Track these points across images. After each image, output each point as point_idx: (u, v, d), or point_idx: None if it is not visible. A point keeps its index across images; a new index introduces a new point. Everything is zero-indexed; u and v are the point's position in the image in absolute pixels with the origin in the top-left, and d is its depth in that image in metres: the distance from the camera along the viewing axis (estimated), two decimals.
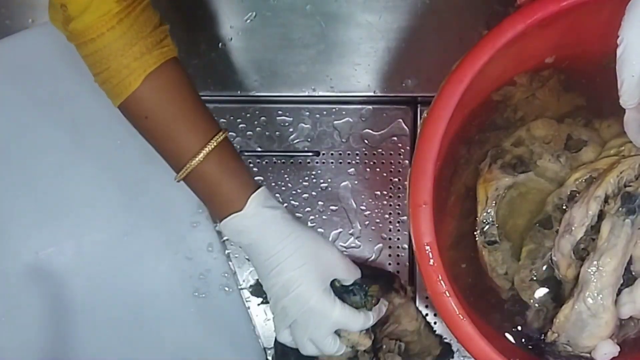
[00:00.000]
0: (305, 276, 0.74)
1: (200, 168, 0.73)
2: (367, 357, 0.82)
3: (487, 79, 0.80)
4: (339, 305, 0.75)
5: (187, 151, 0.73)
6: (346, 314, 0.75)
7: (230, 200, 0.74)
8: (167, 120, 0.73)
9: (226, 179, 0.74)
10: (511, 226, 0.81)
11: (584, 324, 0.74)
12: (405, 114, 0.97)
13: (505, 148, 0.81)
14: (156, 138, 0.74)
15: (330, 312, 0.75)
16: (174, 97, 0.73)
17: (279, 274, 0.74)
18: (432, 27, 0.95)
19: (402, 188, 0.96)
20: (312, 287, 0.74)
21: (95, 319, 0.93)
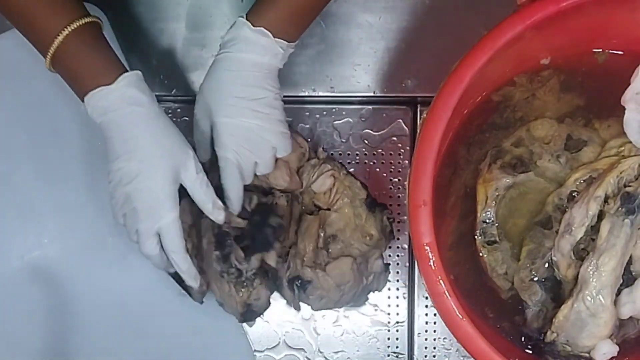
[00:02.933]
0: (154, 169, 0.74)
1: (67, 46, 0.74)
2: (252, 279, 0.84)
3: (487, 79, 0.80)
4: (174, 214, 0.75)
5: (51, 32, 0.73)
6: (176, 227, 0.76)
7: (100, 74, 0.74)
8: (30, 9, 0.74)
9: (98, 54, 0.75)
10: (511, 226, 0.81)
11: (583, 324, 0.74)
12: (405, 114, 0.97)
13: (505, 148, 0.81)
14: (22, 26, 0.76)
15: (163, 213, 0.75)
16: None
17: (129, 159, 0.74)
18: (432, 27, 0.95)
19: (402, 188, 0.96)
20: (158, 182, 0.74)
21: (83, 321, 0.92)
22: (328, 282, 0.88)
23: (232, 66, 0.78)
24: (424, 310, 0.96)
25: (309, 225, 0.89)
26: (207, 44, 0.96)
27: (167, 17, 0.96)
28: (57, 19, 0.74)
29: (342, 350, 0.96)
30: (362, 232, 0.90)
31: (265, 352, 0.96)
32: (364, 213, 0.90)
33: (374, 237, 0.90)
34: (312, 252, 0.88)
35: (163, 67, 0.96)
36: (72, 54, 0.74)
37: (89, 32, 0.75)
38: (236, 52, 0.78)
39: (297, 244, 0.89)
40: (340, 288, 0.89)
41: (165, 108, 0.97)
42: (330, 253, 0.89)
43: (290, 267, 0.88)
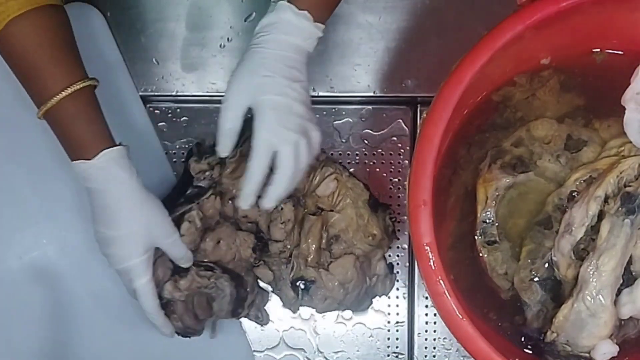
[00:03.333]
0: (127, 240, 0.79)
1: (60, 108, 0.76)
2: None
3: (487, 79, 0.80)
4: (144, 279, 0.81)
5: (48, 91, 0.76)
6: (147, 290, 0.81)
7: (82, 146, 0.77)
8: (31, 63, 0.76)
9: (83, 124, 0.77)
10: (511, 226, 0.81)
11: (583, 324, 0.74)
12: (405, 114, 0.97)
13: (505, 148, 0.81)
14: (21, 77, 0.77)
15: (134, 277, 0.81)
16: (40, 42, 0.76)
17: (107, 227, 0.79)
18: (432, 27, 0.95)
19: (402, 188, 0.96)
20: (131, 252, 0.80)
21: (83, 320, 0.93)
22: (332, 281, 0.89)
23: (277, 47, 0.77)
24: (424, 310, 0.96)
25: (312, 226, 0.89)
26: (207, 44, 0.96)
27: (167, 17, 0.96)
28: (57, 78, 0.76)
29: (342, 350, 0.96)
30: (365, 232, 0.90)
31: (265, 352, 0.96)
32: (366, 213, 0.90)
33: (377, 237, 0.90)
34: (315, 252, 0.89)
35: (163, 67, 0.96)
36: (62, 117, 0.77)
37: (84, 96, 0.78)
38: (279, 34, 0.77)
39: (300, 245, 0.89)
40: (344, 287, 0.89)
41: (165, 108, 0.97)
42: (333, 253, 0.90)
43: (294, 268, 0.89)
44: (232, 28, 0.96)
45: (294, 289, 0.89)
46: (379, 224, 0.91)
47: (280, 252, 0.89)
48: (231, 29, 0.96)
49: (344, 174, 0.91)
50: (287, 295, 0.90)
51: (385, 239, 0.91)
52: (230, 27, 0.96)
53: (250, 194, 0.78)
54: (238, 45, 0.96)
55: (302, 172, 0.79)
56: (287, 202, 0.88)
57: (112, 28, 0.95)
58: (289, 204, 0.88)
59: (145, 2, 0.96)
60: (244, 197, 0.79)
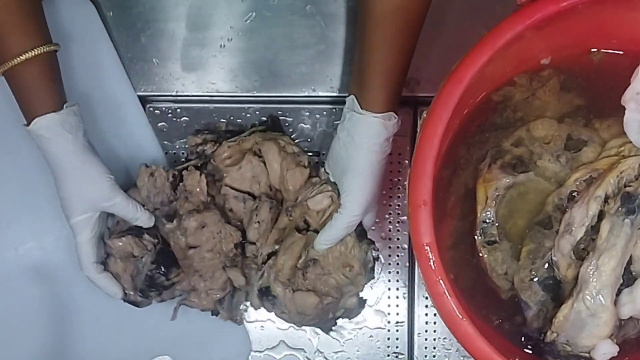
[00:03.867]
0: (70, 200, 0.84)
1: (17, 70, 0.81)
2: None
3: (487, 79, 0.80)
4: (83, 238, 0.85)
5: (8, 52, 0.80)
6: (84, 249, 0.86)
7: (32, 109, 0.82)
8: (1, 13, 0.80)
9: (37, 88, 0.82)
10: (511, 226, 0.81)
11: (583, 324, 0.74)
12: (405, 114, 0.97)
13: (505, 148, 0.81)
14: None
15: (75, 237, 0.86)
16: (6, 4, 0.79)
17: (57, 188, 0.85)
18: (432, 27, 0.95)
19: (402, 188, 0.96)
20: (73, 211, 0.84)
21: (78, 311, 0.93)
22: (292, 305, 0.89)
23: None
24: (424, 310, 0.96)
25: (293, 243, 0.89)
26: (207, 44, 0.96)
27: (167, 17, 0.96)
28: (19, 41, 0.80)
29: (342, 350, 0.96)
30: (344, 262, 0.89)
31: (265, 352, 0.96)
32: (351, 241, 0.89)
33: (354, 270, 0.89)
34: (289, 270, 0.88)
35: (163, 67, 0.96)
36: (19, 80, 0.82)
37: (42, 60, 0.82)
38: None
39: (276, 257, 0.89)
40: (301, 316, 0.89)
41: (165, 108, 0.97)
42: (307, 277, 0.89)
43: (263, 277, 0.89)
44: (232, 28, 0.96)
45: (260, 297, 0.89)
46: (360, 256, 0.89)
47: (254, 256, 0.89)
48: (231, 29, 0.96)
49: (340, 197, 0.89)
50: (252, 301, 0.91)
51: (363, 274, 0.89)
52: (230, 27, 0.96)
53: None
54: (238, 45, 0.96)
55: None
56: (264, 202, 0.88)
57: (112, 27, 0.95)
58: (266, 204, 0.88)
59: (145, 2, 0.96)
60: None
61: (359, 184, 0.85)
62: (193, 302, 0.90)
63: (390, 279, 0.96)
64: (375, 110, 0.83)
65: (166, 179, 0.88)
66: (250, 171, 0.91)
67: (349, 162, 0.86)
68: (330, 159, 0.89)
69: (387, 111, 0.84)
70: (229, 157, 0.90)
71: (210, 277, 0.88)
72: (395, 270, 0.96)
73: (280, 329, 0.96)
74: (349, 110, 0.85)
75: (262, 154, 0.91)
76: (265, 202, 0.89)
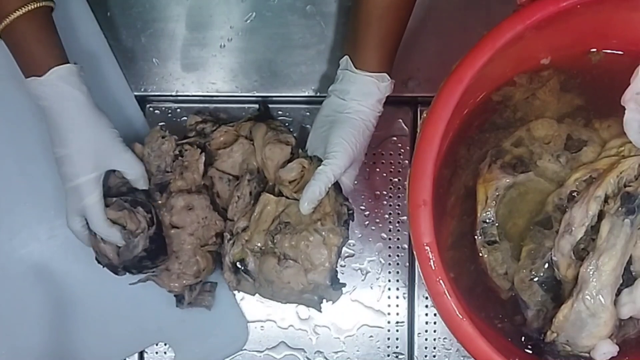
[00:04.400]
0: (78, 157, 0.82)
1: (14, 27, 0.80)
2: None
3: (487, 79, 0.80)
4: (94, 198, 0.83)
5: (3, 10, 0.79)
6: (96, 209, 0.83)
7: (34, 64, 0.81)
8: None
9: (36, 43, 0.81)
10: (511, 226, 0.81)
11: (583, 324, 0.74)
12: (405, 114, 0.97)
13: (505, 148, 0.81)
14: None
15: (83, 198, 0.83)
16: None
17: (60, 147, 0.82)
18: (432, 27, 0.95)
19: (402, 188, 0.96)
20: (81, 169, 0.82)
21: (75, 299, 0.93)
22: (260, 275, 0.86)
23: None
24: (424, 310, 0.96)
25: (265, 207, 0.87)
26: (207, 44, 0.96)
27: (167, 17, 0.96)
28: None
29: (342, 350, 0.96)
30: (316, 217, 0.85)
31: (266, 352, 0.96)
32: (324, 197, 0.85)
33: (327, 222, 0.84)
34: (260, 237, 0.86)
35: (163, 67, 0.96)
36: (17, 36, 0.80)
37: (38, 16, 0.81)
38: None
39: (249, 224, 0.87)
40: (275, 289, 0.86)
41: (165, 108, 0.97)
42: (276, 240, 0.85)
43: (234, 247, 0.87)
44: (232, 28, 0.96)
45: (234, 272, 0.87)
46: (334, 207, 0.85)
47: (230, 232, 0.88)
48: (231, 29, 0.96)
49: (313, 165, 0.86)
50: (227, 277, 0.88)
51: (336, 227, 0.84)
52: (230, 27, 0.96)
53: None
54: (238, 45, 0.96)
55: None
56: (245, 175, 0.88)
57: (112, 27, 0.95)
58: (246, 177, 0.88)
59: (145, 2, 0.96)
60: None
61: (346, 135, 0.84)
62: (162, 282, 0.89)
63: (390, 279, 0.96)
64: (369, 69, 0.83)
65: (173, 148, 0.88)
66: (241, 155, 0.91)
67: (337, 117, 0.85)
68: (317, 122, 0.88)
69: (381, 72, 0.84)
70: (224, 142, 0.91)
71: (185, 261, 0.88)
72: (395, 270, 0.96)
73: (280, 328, 0.96)
74: (343, 70, 0.85)
75: (252, 135, 0.91)
76: (245, 175, 0.88)
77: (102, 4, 0.95)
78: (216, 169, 0.91)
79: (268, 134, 0.90)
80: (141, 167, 0.86)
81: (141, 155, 0.88)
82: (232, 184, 0.90)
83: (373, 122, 0.85)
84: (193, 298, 0.91)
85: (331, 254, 0.84)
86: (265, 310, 0.96)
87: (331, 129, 0.85)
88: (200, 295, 0.92)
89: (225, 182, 0.90)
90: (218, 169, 0.91)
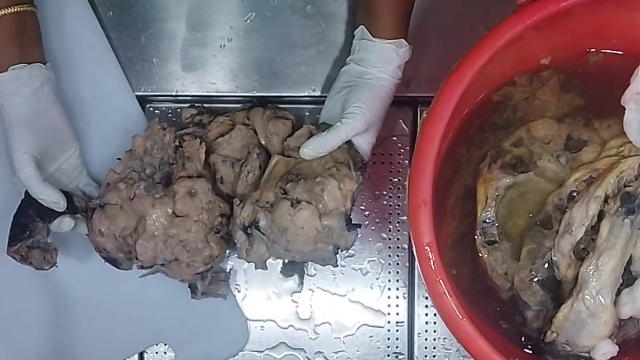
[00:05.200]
0: (16, 142, 0.84)
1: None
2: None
3: (487, 79, 0.80)
4: (27, 176, 0.83)
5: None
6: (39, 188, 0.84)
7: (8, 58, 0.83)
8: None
9: (11, 41, 0.83)
10: (511, 226, 0.81)
11: (582, 324, 0.74)
12: (405, 114, 0.97)
13: (505, 148, 0.81)
14: None
15: (19, 174, 0.84)
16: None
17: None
18: (432, 27, 0.95)
19: (402, 188, 0.96)
20: (17, 153, 0.83)
21: (74, 299, 0.94)
22: (275, 228, 0.84)
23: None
24: (424, 310, 0.96)
25: (276, 166, 0.87)
26: (207, 44, 0.96)
27: (167, 17, 0.96)
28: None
29: (342, 350, 0.96)
30: (329, 164, 0.85)
31: (266, 352, 0.96)
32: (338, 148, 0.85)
33: (342, 168, 0.84)
34: (270, 194, 0.85)
35: (163, 67, 0.96)
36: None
37: (20, 19, 0.83)
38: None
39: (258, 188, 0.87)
40: (290, 242, 0.84)
41: (165, 108, 0.97)
42: (288, 191, 0.84)
43: (244, 209, 0.86)
44: (232, 28, 0.96)
45: (246, 234, 0.86)
46: (350, 154, 0.86)
47: (238, 203, 0.87)
48: (231, 29, 0.96)
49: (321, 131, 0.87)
50: (238, 239, 0.87)
51: (351, 172, 0.84)
52: (230, 27, 0.96)
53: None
54: (238, 45, 0.96)
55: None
56: (252, 150, 0.89)
57: (112, 27, 0.95)
58: (254, 151, 0.88)
59: (145, 2, 0.96)
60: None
61: (366, 99, 0.84)
62: (173, 272, 0.88)
63: (390, 279, 0.96)
64: (387, 36, 0.85)
65: (173, 140, 0.88)
66: (240, 140, 0.91)
67: (357, 82, 0.86)
68: (334, 89, 0.89)
69: (399, 38, 0.85)
70: (220, 133, 0.91)
71: (193, 249, 0.87)
72: (395, 270, 0.96)
73: (280, 328, 0.96)
74: (360, 40, 0.87)
75: (250, 120, 0.91)
76: (253, 150, 0.89)
77: (103, 4, 0.95)
78: (218, 154, 0.90)
79: (267, 112, 0.91)
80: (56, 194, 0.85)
81: (143, 149, 0.88)
82: (236, 165, 0.90)
83: (393, 89, 0.87)
84: (206, 287, 0.90)
85: (346, 199, 0.84)
86: (265, 310, 0.96)
87: (350, 93, 0.86)
88: (214, 284, 0.92)
89: (229, 165, 0.90)
90: (220, 154, 0.91)
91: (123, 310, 0.94)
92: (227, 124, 0.92)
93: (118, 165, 0.88)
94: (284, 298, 0.96)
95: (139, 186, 0.86)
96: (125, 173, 0.88)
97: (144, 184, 0.86)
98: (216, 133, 0.91)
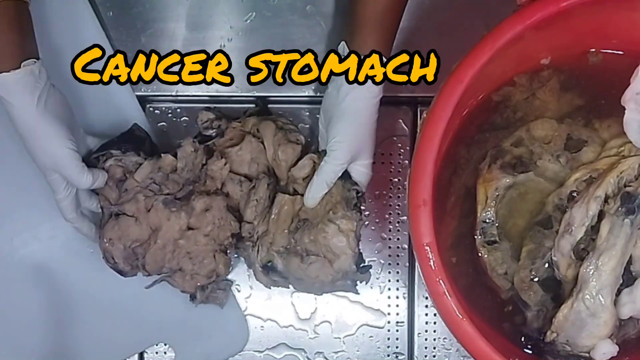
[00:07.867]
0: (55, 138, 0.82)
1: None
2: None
3: (487, 79, 0.80)
4: (60, 196, 0.84)
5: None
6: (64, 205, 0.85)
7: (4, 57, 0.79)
8: None
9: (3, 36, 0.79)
10: (511, 226, 0.81)
11: (582, 324, 0.74)
12: (405, 114, 0.97)
13: (505, 148, 0.81)
14: None
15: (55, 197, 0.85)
16: None
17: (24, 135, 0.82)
18: (432, 27, 0.95)
19: (402, 188, 0.96)
20: (60, 149, 0.82)
21: (75, 299, 0.93)
22: (289, 273, 0.88)
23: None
24: (424, 310, 0.96)
25: (282, 208, 0.88)
26: (207, 44, 0.96)
27: (167, 17, 0.96)
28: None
29: (342, 350, 0.96)
30: (329, 202, 0.87)
31: (266, 352, 0.96)
32: (333, 187, 0.86)
33: (338, 211, 0.85)
34: (282, 238, 0.88)
35: None
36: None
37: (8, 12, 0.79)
38: None
39: (268, 229, 0.89)
40: (307, 283, 0.88)
41: (165, 108, 0.97)
42: (297, 238, 0.87)
43: (260, 252, 0.88)
44: (232, 28, 0.96)
45: (265, 274, 0.89)
46: (342, 194, 0.86)
47: (249, 235, 0.89)
48: (231, 29, 0.96)
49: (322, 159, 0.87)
50: (260, 280, 0.90)
51: (347, 212, 0.85)
52: (230, 27, 0.96)
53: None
54: (238, 45, 0.96)
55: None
56: (262, 179, 0.88)
57: (112, 28, 0.95)
58: (264, 181, 0.88)
59: (145, 2, 0.96)
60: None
61: (344, 128, 0.83)
62: (176, 282, 0.89)
63: (390, 279, 0.96)
64: (365, 53, 0.82)
65: (202, 160, 0.88)
66: (250, 153, 0.91)
67: (335, 109, 0.84)
68: (320, 116, 0.88)
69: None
70: (231, 139, 0.91)
71: (199, 262, 0.88)
72: (395, 270, 0.96)
73: (280, 328, 0.96)
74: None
75: (260, 133, 0.91)
76: (263, 179, 0.89)
77: (103, 4, 0.95)
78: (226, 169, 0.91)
79: (278, 134, 0.91)
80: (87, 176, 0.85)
81: (171, 168, 0.88)
82: (244, 185, 0.90)
83: (373, 109, 0.84)
84: (205, 297, 0.91)
85: (349, 239, 0.85)
86: (265, 310, 0.96)
87: (330, 124, 0.85)
88: (214, 293, 0.92)
89: (236, 184, 0.90)
90: (230, 171, 0.91)
91: (123, 310, 0.94)
92: (238, 130, 0.92)
93: (139, 172, 0.88)
94: (284, 298, 0.96)
95: (157, 199, 0.87)
96: (146, 183, 0.87)
97: (163, 197, 0.87)
98: (227, 140, 0.91)
